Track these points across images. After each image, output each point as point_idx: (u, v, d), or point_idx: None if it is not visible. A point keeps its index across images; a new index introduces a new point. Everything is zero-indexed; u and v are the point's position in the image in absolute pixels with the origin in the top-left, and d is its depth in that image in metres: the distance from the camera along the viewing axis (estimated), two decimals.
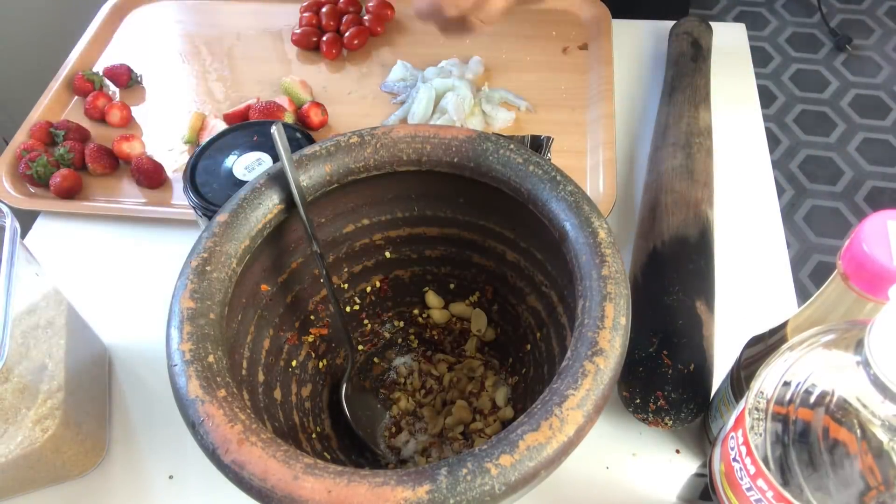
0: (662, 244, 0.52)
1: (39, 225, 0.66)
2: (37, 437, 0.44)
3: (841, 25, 1.82)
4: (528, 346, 0.49)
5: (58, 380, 0.46)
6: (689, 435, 0.50)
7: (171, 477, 0.50)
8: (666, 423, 0.45)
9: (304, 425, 0.45)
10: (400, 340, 0.54)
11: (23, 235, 0.65)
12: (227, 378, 0.35)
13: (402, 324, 0.54)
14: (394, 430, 0.50)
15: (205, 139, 0.64)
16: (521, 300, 0.49)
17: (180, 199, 0.65)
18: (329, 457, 0.45)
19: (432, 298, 0.53)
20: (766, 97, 1.68)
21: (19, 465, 0.45)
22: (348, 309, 0.51)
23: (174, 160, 0.68)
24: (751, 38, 0.78)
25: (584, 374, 0.33)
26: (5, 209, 0.44)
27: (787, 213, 1.50)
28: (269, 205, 0.42)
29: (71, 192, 0.65)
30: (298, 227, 0.45)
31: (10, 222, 0.44)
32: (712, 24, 0.73)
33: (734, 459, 0.34)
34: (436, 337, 0.53)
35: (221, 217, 0.41)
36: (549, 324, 0.46)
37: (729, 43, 0.75)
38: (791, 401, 0.30)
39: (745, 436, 0.33)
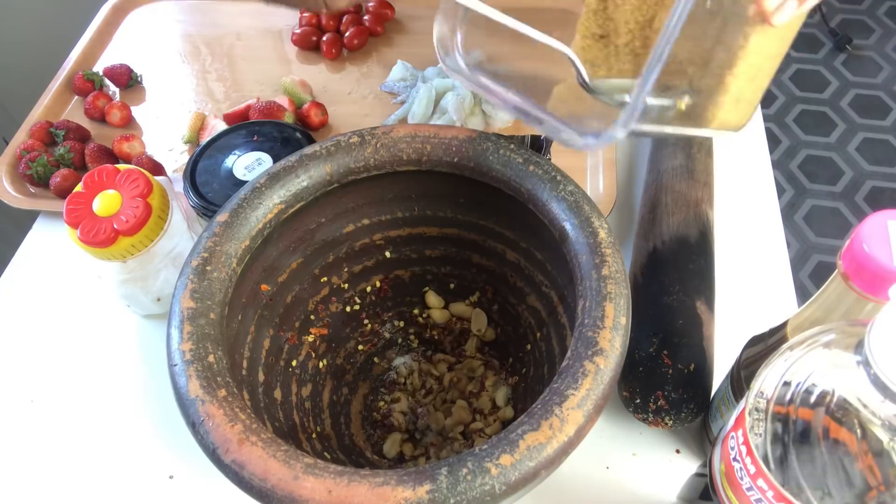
0: (662, 244, 0.52)
1: (39, 225, 0.66)
2: None
3: (841, 25, 1.82)
4: (529, 346, 0.49)
5: None
6: (689, 435, 0.50)
7: (171, 477, 0.50)
8: (666, 423, 0.45)
9: (304, 425, 0.45)
10: (400, 340, 0.54)
11: (22, 235, 0.65)
12: (227, 378, 0.35)
13: (402, 324, 0.54)
14: None
15: (205, 139, 0.64)
16: (522, 300, 0.49)
17: None
18: (329, 457, 0.45)
19: (432, 298, 0.53)
20: (766, 97, 1.68)
21: None
22: (348, 309, 0.51)
23: (174, 160, 0.68)
24: None
25: (585, 373, 0.33)
26: None
27: (787, 213, 1.50)
28: (269, 205, 0.42)
29: (71, 192, 0.65)
30: (299, 227, 0.46)
31: None
32: None
33: (734, 459, 0.34)
34: (436, 337, 0.53)
35: (221, 217, 0.41)
36: (549, 324, 0.46)
37: None
38: (791, 401, 0.30)
39: (745, 436, 0.33)
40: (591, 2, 0.43)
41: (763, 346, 0.41)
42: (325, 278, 0.49)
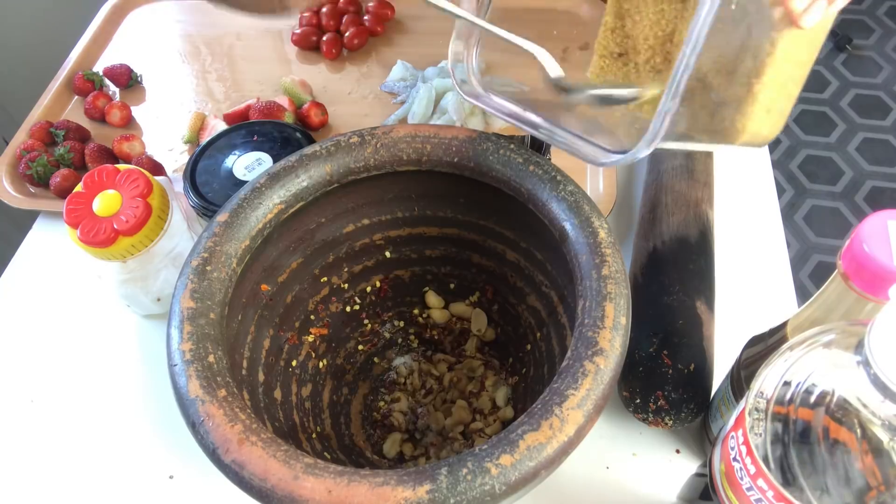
0: (662, 244, 0.52)
1: (39, 225, 0.66)
2: None
3: (841, 25, 1.82)
4: (529, 346, 0.49)
5: None
6: (689, 435, 0.50)
7: (171, 477, 0.50)
8: (666, 423, 0.45)
9: (304, 425, 0.45)
10: (400, 340, 0.54)
11: (22, 235, 0.65)
12: (227, 378, 0.35)
13: (402, 324, 0.54)
14: None
15: (205, 139, 0.64)
16: (522, 300, 0.49)
17: None
18: (329, 457, 0.45)
19: (432, 298, 0.53)
20: None
21: None
22: (348, 309, 0.51)
23: (174, 160, 0.68)
24: None
25: (585, 373, 0.33)
26: None
27: (787, 213, 1.50)
28: (269, 205, 0.42)
29: (71, 192, 0.65)
30: (299, 227, 0.46)
31: None
32: None
33: (734, 459, 0.34)
34: (436, 337, 0.53)
35: (221, 217, 0.41)
36: (549, 323, 0.46)
37: None
38: (791, 401, 0.30)
39: (745, 436, 0.33)
40: (608, 20, 0.43)
41: (763, 346, 0.41)
42: (325, 278, 0.49)
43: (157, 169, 0.66)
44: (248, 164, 0.55)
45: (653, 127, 0.33)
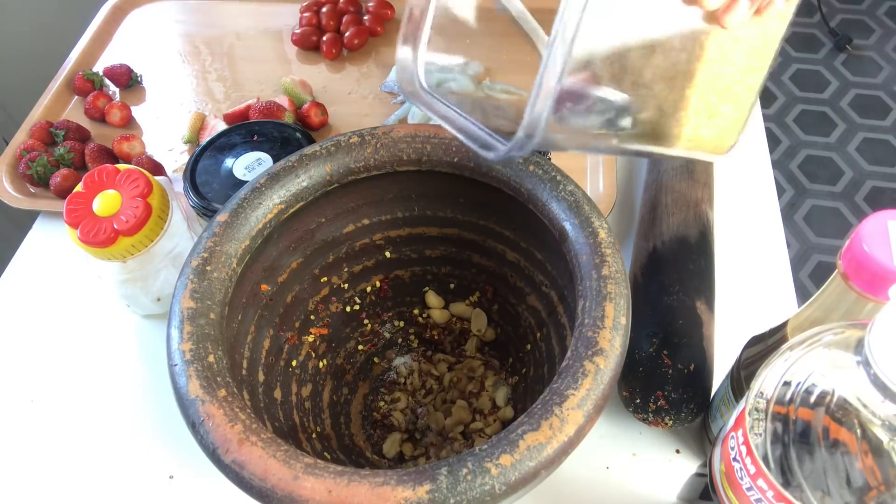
0: (662, 244, 0.52)
1: (39, 225, 0.66)
2: None
3: (841, 25, 1.82)
4: (529, 346, 0.49)
5: None
6: (689, 435, 0.50)
7: (171, 477, 0.50)
8: (666, 423, 0.45)
9: (304, 425, 0.45)
10: (400, 340, 0.54)
11: (22, 235, 0.65)
12: (227, 378, 0.35)
13: (402, 324, 0.54)
14: None
15: (205, 139, 0.64)
16: (522, 300, 0.49)
17: None
18: (329, 457, 0.45)
19: (432, 298, 0.53)
20: (766, 97, 1.68)
21: None
22: (348, 309, 0.51)
23: (174, 160, 0.68)
24: None
25: (585, 373, 0.33)
26: None
27: (787, 213, 1.50)
28: (269, 205, 0.42)
29: (71, 192, 0.65)
30: (299, 227, 0.46)
31: None
32: None
33: (734, 459, 0.34)
34: (436, 337, 0.53)
35: (221, 217, 0.41)
36: (549, 323, 0.46)
37: None
38: (791, 401, 0.30)
39: (745, 436, 0.33)
40: None
41: (763, 346, 0.41)
42: (325, 278, 0.49)
43: (157, 169, 0.66)
44: (248, 164, 0.55)
45: (527, 112, 0.30)
